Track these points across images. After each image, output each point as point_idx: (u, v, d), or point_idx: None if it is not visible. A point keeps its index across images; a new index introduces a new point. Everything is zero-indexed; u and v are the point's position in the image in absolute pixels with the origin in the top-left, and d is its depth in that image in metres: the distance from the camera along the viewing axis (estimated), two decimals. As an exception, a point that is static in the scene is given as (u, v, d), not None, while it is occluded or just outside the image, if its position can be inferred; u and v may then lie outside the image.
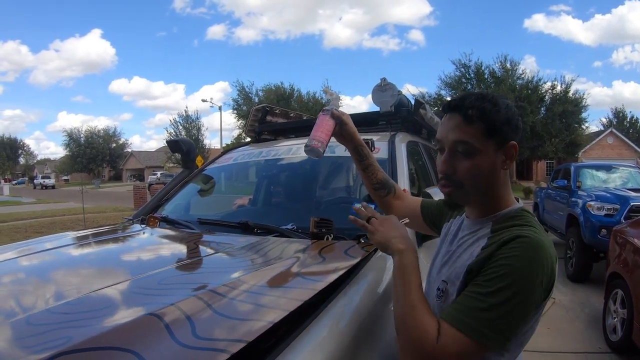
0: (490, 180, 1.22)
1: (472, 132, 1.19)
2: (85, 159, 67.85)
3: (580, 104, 32.63)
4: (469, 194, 1.24)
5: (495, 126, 1.19)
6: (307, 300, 1.23)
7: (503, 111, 1.20)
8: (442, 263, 1.33)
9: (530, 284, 1.05)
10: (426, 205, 1.71)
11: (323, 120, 1.75)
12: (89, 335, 1.05)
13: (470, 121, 1.19)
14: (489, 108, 1.19)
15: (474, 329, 1.03)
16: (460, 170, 1.21)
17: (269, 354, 1.04)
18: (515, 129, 1.22)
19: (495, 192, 1.25)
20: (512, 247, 1.09)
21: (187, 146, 3.46)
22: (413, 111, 3.18)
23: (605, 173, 8.85)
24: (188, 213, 2.95)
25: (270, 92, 38.89)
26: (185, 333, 1.04)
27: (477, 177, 1.21)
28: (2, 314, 1.29)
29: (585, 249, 6.93)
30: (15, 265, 1.95)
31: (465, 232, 1.31)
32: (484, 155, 1.19)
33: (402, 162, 2.55)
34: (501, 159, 1.22)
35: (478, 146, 1.18)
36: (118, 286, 1.48)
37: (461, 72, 33.51)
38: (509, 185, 1.28)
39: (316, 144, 1.68)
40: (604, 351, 4.47)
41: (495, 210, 1.25)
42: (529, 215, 1.23)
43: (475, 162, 1.19)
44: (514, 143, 1.22)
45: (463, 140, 1.19)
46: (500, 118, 1.19)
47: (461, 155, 1.21)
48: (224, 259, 1.93)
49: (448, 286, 1.23)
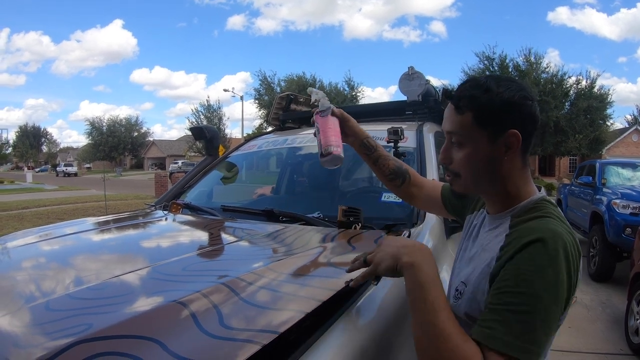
0: (490, 171, 1.15)
1: (462, 121, 1.14)
2: (108, 147, 68.77)
3: (606, 99, 32.00)
4: (467, 183, 1.19)
5: (485, 114, 1.11)
6: (340, 291, 1.19)
7: (497, 97, 1.10)
8: (464, 262, 1.27)
9: (555, 286, 0.98)
10: (447, 192, 1.62)
11: (327, 122, 1.61)
12: (110, 323, 1.01)
13: (460, 111, 1.14)
14: (479, 95, 1.11)
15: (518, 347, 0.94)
16: (455, 160, 1.18)
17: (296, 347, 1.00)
18: (518, 115, 1.11)
19: (506, 184, 1.17)
20: (531, 252, 1.00)
21: (211, 133, 3.45)
22: (441, 101, 3.12)
23: (631, 171, 8.65)
24: (211, 200, 2.94)
25: (292, 82, 38.79)
26: (212, 322, 1.00)
27: (471, 167, 1.16)
28: (22, 298, 1.28)
29: (609, 248, 6.80)
30: (36, 249, 1.95)
31: (486, 228, 1.25)
32: (477, 145, 1.13)
33: (431, 152, 2.51)
34: (500, 149, 1.12)
35: (468, 136, 1.14)
36: (141, 272, 1.45)
37: (485, 65, 33.09)
38: (525, 175, 1.19)
39: (335, 150, 1.55)
40: (625, 353, 4.39)
41: (513, 203, 1.17)
42: (550, 206, 1.14)
43: (467, 152, 1.15)
44: (514, 132, 1.10)
45: (453, 131, 1.16)
46: (494, 105, 1.10)
47: (455, 145, 1.18)
48: (249, 247, 1.90)
49: (466, 288, 1.17)
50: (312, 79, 39.91)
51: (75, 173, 60.00)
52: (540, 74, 31.60)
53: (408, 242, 1.15)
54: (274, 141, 3.27)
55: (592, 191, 8.18)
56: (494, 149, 1.13)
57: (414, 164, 2.39)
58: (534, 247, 1.00)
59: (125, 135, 71.30)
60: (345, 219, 1.98)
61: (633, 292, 4.60)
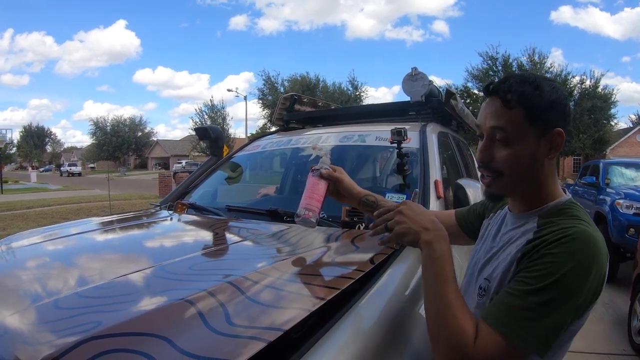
0: (533, 171, 1.14)
1: (511, 118, 1.11)
2: (112, 147, 69.01)
3: (610, 99, 31.96)
4: (509, 184, 1.16)
5: (536, 112, 1.10)
6: (344, 289, 1.20)
7: (546, 95, 1.11)
8: (484, 260, 1.25)
9: (578, 286, 0.97)
10: (460, 214, 1.60)
11: (312, 184, 1.61)
12: (119, 321, 1.02)
13: (509, 106, 1.11)
14: (530, 91, 1.11)
15: (513, 331, 0.96)
16: (499, 158, 1.14)
17: (301, 345, 1.02)
18: (561, 115, 1.13)
19: (541, 184, 1.16)
20: (563, 243, 0.99)
21: (215, 134, 3.46)
22: (444, 101, 3.13)
23: (635, 171, 8.64)
24: (215, 200, 2.95)
25: (296, 82, 38.85)
26: (219, 320, 1.01)
27: (517, 166, 1.13)
28: (29, 297, 1.29)
29: (612, 249, 6.72)
30: (42, 249, 1.96)
31: (509, 227, 1.23)
32: (524, 143, 1.11)
33: (434, 153, 2.51)
34: (545, 147, 1.12)
35: (517, 133, 1.11)
36: (147, 271, 1.46)
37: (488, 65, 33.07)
38: (555, 175, 1.20)
39: (307, 214, 1.55)
40: (628, 353, 4.38)
41: (542, 203, 1.16)
42: (579, 208, 1.14)
43: (514, 150, 1.11)
44: (560, 130, 1.12)
45: (501, 127, 1.12)
46: (543, 103, 1.10)
47: (499, 142, 1.13)
48: (253, 246, 1.91)
49: (490, 284, 1.16)
50: (315, 79, 39.92)
51: (79, 173, 60.13)
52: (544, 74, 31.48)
53: (428, 222, 1.20)
54: (277, 141, 3.28)
55: (595, 191, 8.16)
56: (539, 147, 1.12)
57: (417, 165, 2.40)
58: (567, 238, 1.00)
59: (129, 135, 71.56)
60: (349, 219, 1.99)
61: (636, 292, 4.59)
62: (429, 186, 2.22)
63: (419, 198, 1.34)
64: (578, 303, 0.98)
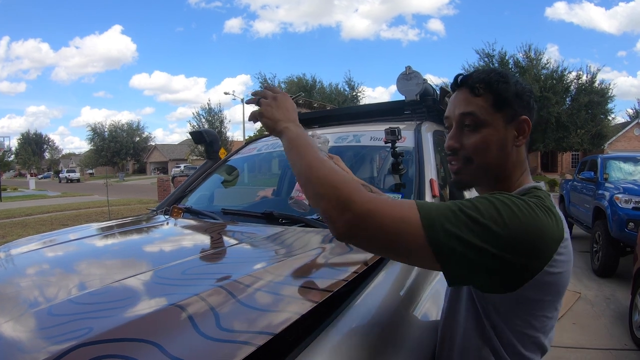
0: (500, 158, 1.16)
1: (479, 103, 1.15)
2: (110, 152, 68.99)
3: (607, 94, 31.94)
4: (478, 171, 1.18)
5: (503, 98, 1.15)
6: (336, 292, 1.20)
7: (512, 85, 1.16)
8: None
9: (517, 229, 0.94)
10: None
11: None
12: (110, 327, 1.03)
13: (477, 93, 1.16)
14: (497, 79, 1.16)
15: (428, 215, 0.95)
16: (467, 144, 1.17)
17: (294, 348, 1.02)
18: (527, 105, 1.17)
19: (509, 174, 1.18)
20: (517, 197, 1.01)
21: (210, 137, 3.46)
22: (439, 100, 3.12)
23: (633, 165, 8.62)
24: (212, 204, 2.95)
25: (293, 83, 38.85)
26: (209, 325, 1.01)
27: (485, 151, 1.15)
28: (25, 303, 1.29)
29: (612, 243, 6.77)
30: (39, 256, 1.96)
31: None
32: (492, 128, 1.15)
33: (429, 152, 2.51)
34: (512, 134, 1.16)
35: (485, 117, 1.15)
36: (141, 276, 1.46)
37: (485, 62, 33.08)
38: (524, 166, 1.21)
39: (300, 196, 1.57)
40: (630, 348, 4.38)
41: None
42: (544, 193, 1.12)
43: (483, 134, 1.15)
44: (526, 118, 1.16)
45: (470, 112, 1.16)
46: (509, 90, 1.15)
47: (468, 128, 1.17)
48: (248, 249, 1.90)
49: None
50: (312, 80, 39.92)
51: (77, 179, 60.23)
52: (540, 70, 31.61)
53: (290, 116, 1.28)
54: (273, 144, 3.27)
55: (594, 186, 8.15)
56: (507, 133, 1.15)
57: (412, 164, 2.39)
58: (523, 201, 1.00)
59: (127, 140, 71.52)
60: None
61: (636, 287, 4.59)
62: (425, 185, 2.22)
63: None
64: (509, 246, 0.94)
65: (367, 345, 1.14)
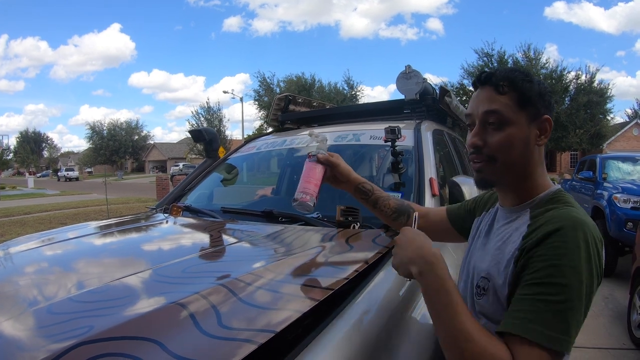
0: (523, 156, 1.16)
1: (504, 101, 1.15)
2: (108, 151, 68.83)
3: (606, 94, 31.93)
4: (501, 169, 1.17)
5: (527, 96, 1.15)
6: (339, 289, 1.20)
7: (535, 84, 1.16)
8: (479, 259, 1.24)
9: (581, 275, 0.97)
10: (452, 210, 1.60)
11: (310, 168, 1.63)
12: (111, 325, 1.02)
13: (501, 91, 1.15)
14: (521, 78, 1.16)
15: (550, 337, 0.94)
16: (492, 142, 1.16)
17: (294, 346, 1.01)
18: (548, 105, 1.18)
19: (530, 173, 1.18)
20: (556, 239, 1.01)
21: (209, 136, 3.45)
22: (438, 99, 3.13)
23: (632, 165, 8.64)
24: (211, 202, 2.95)
25: (292, 82, 38.79)
26: (211, 322, 1.01)
27: (509, 150, 1.15)
28: (24, 302, 1.29)
29: (611, 243, 6.75)
30: (38, 254, 1.96)
31: (501, 222, 1.24)
32: (517, 126, 1.15)
33: (429, 151, 2.51)
34: (535, 133, 1.16)
35: (510, 116, 1.14)
36: (141, 275, 1.46)
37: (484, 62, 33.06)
38: (544, 165, 1.22)
39: (304, 198, 1.57)
40: (628, 347, 4.37)
41: (532, 195, 1.18)
42: (568, 196, 1.17)
43: (507, 132, 1.14)
44: (548, 117, 1.17)
45: (494, 110, 1.15)
46: (533, 90, 1.15)
47: (492, 126, 1.16)
48: (248, 248, 1.90)
49: (490, 283, 1.15)
50: (311, 79, 39.88)
51: (76, 177, 59.94)
52: (539, 70, 31.57)
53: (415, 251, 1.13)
54: (272, 142, 3.27)
55: (593, 186, 8.17)
56: (530, 132, 1.16)
57: (412, 163, 2.39)
58: (558, 234, 1.01)
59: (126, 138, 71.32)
60: (343, 219, 1.98)
61: (635, 286, 4.59)
62: (424, 184, 2.22)
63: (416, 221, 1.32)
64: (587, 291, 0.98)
65: (368, 343, 1.14)
